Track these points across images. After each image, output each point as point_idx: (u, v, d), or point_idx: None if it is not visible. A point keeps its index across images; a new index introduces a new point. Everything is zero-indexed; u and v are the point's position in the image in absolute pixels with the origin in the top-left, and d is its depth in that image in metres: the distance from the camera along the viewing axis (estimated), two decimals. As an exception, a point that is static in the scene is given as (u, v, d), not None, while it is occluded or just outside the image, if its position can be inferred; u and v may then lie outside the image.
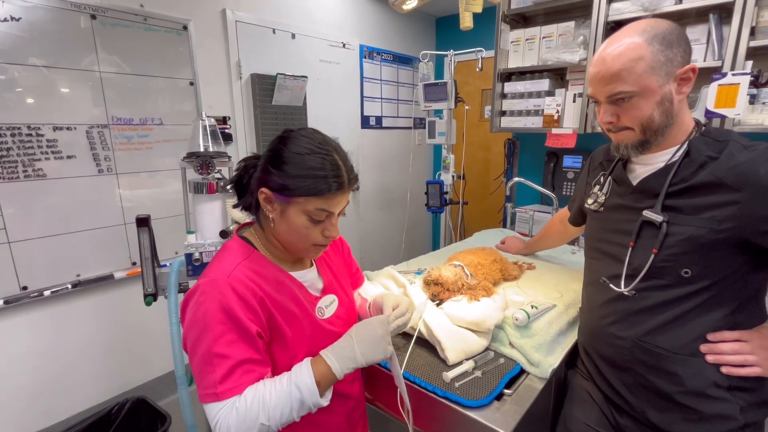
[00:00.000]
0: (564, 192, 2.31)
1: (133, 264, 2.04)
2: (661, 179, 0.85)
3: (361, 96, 3.20)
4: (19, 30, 1.62)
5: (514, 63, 2.25)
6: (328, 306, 0.88)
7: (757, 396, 0.84)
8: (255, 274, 0.76)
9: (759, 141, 0.81)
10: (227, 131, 2.36)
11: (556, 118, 2.10)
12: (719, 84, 1.53)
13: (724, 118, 1.57)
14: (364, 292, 1.07)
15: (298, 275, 0.84)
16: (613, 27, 1.87)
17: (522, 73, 2.27)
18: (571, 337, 1.11)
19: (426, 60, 2.45)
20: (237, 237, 0.83)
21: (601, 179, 1.04)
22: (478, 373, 0.94)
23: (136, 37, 1.93)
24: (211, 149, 1.26)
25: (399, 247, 3.48)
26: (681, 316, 0.84)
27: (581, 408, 1.01)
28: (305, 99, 2.67)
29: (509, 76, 2.31)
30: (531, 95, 2.19)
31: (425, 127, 2.53)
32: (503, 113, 2.33)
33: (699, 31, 1.69)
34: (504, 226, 2.39)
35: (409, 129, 3.64)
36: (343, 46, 2.97)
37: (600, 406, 0.99)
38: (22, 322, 1.76)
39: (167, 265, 1.28)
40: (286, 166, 0.74)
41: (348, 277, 1.02)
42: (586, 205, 1.07)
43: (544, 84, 2.14)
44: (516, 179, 1.95)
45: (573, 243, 1.72)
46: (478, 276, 1.22)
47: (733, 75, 1.51)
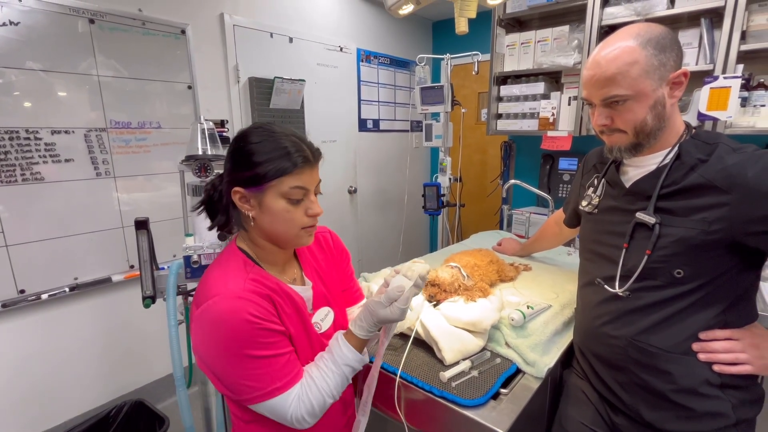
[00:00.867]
0: (559, 194, 2.33)
1: (131, 267, 2.04)
2: (653, 181, 0.87)
3: (359, 99, 3.22)
4: (18, 34, 1.63)
5: (509, 66, 2.28)
6: (323, 320, 0.88)
7: (749, 393, 0.86)
8: (264, 285, 0.77)
9: (747, 143, 0.83)
10: (225, 134, 2.36)
11: (551, 120, 2.12)
12: (711, 87, 1.56)
13: (716, 120, 1.59)
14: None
15: (298, 290, 0.84)
16: (607, 31, 1.90)
17: (518, 77, 2.29)
18: (567, 337, 1.12)
19: (423, 63, 2.47)
20: (237, 249, 0.82)
21: (595, 181, 1.06)
22: (474, 373, 0.95)
23: (134, 41, 1.94)
24: (210, 152, 1.28)
25: (396, 249, 3.49)
26: (674, 315, 0.85)
27: (576, 407, 1.03)
28: (303, 102, 2.68)
29: (505, 79, 2.33)
30: (527, 98, 2.22)
31: (422, 130, 2.54)
32: (499, 116, 2.36)
33: (691, 35, 1.72)
34: (500, 228, 2.40)
35: (406, 132, 3.66)
36: (341, 49, 2.99)
37: (595, 405, 1.00)
38: (19, 325, 1.75)
39: (165, 268, 1.28)
40: (248, 158, 0.75)
41: (341, 291, 0.99)
42: (580, 207, 1.08)
43: (539, 87, 2.16)
44: (512, 181, 1.97)
45: (568, 244, 1.74)
46: (474, 277, 1.23)
47: (725, 78, 1.54)
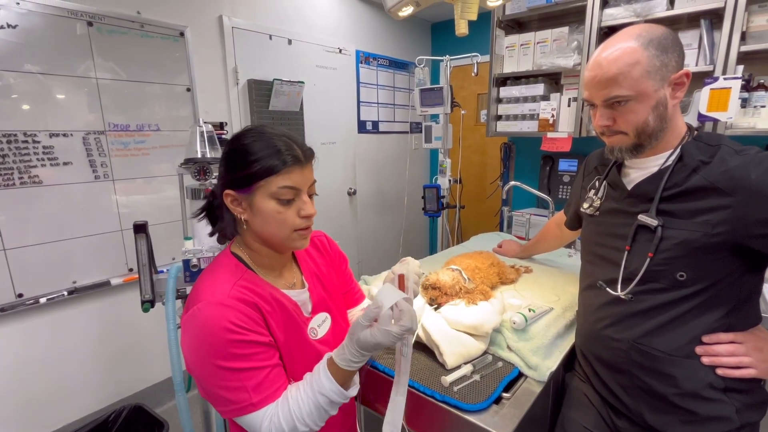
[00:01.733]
0: (560, 195, 2.33)
1: (130, 270, 2.03)
2: (655, 184, 0.87)
3: (358, 101, 3.22)
4: (16, 37, 1.62)
5: (509, 68, 2.28)
6: (320, 325, 0.86)
7: (753, 397, 0.85)
8: (252, 292, 0.75)
9: (750, 145, 0.82)
10: (224, 137, 2.36)
11: (551, 122, 2.12)
12: (711, 88, 1.56)
13: (716, 121, 1.59)
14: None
15: (291, 295, 0.83)
16: (607, 32, 1.90)
17: (517, 78, 2.29)
18: (569, 340, 1.12)
19: (422, 65, 2.47)
20: (230, 254, 0.81)
21: (596, 183, 1.05)
22: (476, 377, 0.94)
23: (132, 44, 1.94)
24: (209, 155, 1.27)
25: (396, 251, 3.48)
26: (676, 318, 0.85)
27: (579, 410, 1.02)
28: (302, 104, 2.68)
29: (504, 80, 2.33)
30: (526, 100, 2.22)
31: (422, 132, 2.54)
32: (499, 117, 2.35)
33: (690, 36, 1.72)
34: (501, 229, 2.40)
35: (406, 133, 3.66)
36: (340, 51, 2.98)
37: (597, 408, 1.00)
38: (17, 329, 1.74)
39: (165, 272, 1.27)
40: (238, 159, 0.74)
41: (341, 294, 0.98)
42: (581, 209, 1.08)
43: (539, 88, 2.16)
44: (512, 183, 1.96)
45: (569, 246, 1.73)
46: (475, 280, 1.22)
47: (725, 79, 1.53)
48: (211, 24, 2.24)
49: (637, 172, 0.93)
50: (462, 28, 1.07)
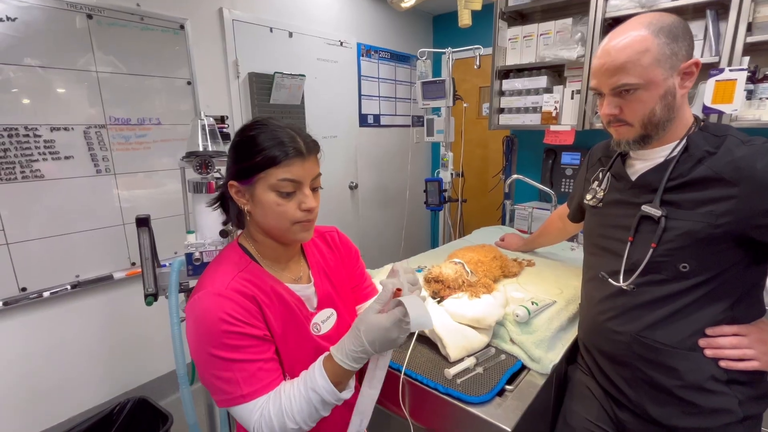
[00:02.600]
0: (562, 189, 2.32)
1: (133, 264, 2.04)
2: (660, 174, 0.86)
3: (359, 94, 3.20)
4: (15, 30, 1.61)
5: (511, 60, 2.26)
6: (324, 321, 0.86)
7: (756, 389, 0.85)
8: (252, 285, 0.75)
9: (757, 136, 0.82)
10: (225, 131, 2.34)
11: (554, 114, 2.10)
12: (716, 80, 1.54)
13: (721, 114, 1.58)
14: None
15: (295, 289, 0.82)
16: (611, 24, 1.88)
17: (520, 71, 2.27)
18: (572, 333, 1.12)
19: (424, 58, 2.45)
20: (237, 246, 0.82)
21: (600, 175, 1.04)
22: (479, 370, 0.94)
23: (132, 37, 1.92)
24: (210, 148, 1.26)
25: (398, 245, 3.48)
26: (679, 310, 0.85)
27: (581, 403, 1.02)
28: (303, 98, 2.66)
29: (507, 73, 2.31)
30: (529, 92, 2.20)
31: (423, 125, 2.53)
32: (501, 110, 2.34)
33: (696, 27, 1.69)
34: (503, 223, 2.39)
35: (407, 127, 3.64)
36: (341, 44, 2.96)
37: (600, 401, 1.00)
38: (21, 323, 1.75)
39: (167, 265, 1.28)
40: (241, 150, 0.75)
41: (350, 291, 0.96)
42: (584, 201, 1.07)
43: (542, 81, 2.14)
44: (515, 176, 1.95)
45: (572, 240, 1.73)
46: (478, 273, 1.22)
47: (731, 71, 1.52)
48: (212, 16, 2.23)
49: (642, 163, 0.92)
50: (465, 18, 1.05)
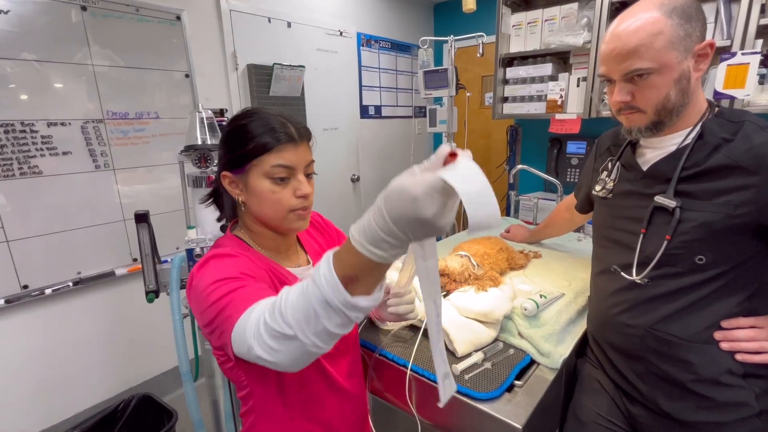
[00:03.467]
0: (568, 179, 2.28)
1: (134, 260, 2.02)
2: (673, 163, 0.83)
3: (360, 85, 3.15)
4: (8, 24, 1.58)
5: (515, 48, 2.21)
6: None
7: (773, 383, 0.83)
8: (254, 265, 0.74)
9: (776, 122, 0.78)
10: (224, 124, 2.32)
11: (559, 103, 2.06)
12: (728, 64, 1.50)
13: (733, 99, 1.53)
14: None
15: (296, 272, 0.82)
16: (618, 7, 1.82)
17: (524, 58, 2.22)
18: (581, 326, 1.10)
19: (426, 46, 2.40)
20: (232, 236, 0.81)
21: (609, 165, 1.01)
22: (487, 365, 0.92)
23: (128, 29, 1.89)
24: (209, 142, 1.24)
25: (401, 238, 3.46)
26: (695, 303, 0.82)
27: (592, 397, 1.00)
28: (303, 89, 2.62)
29: (511, 61, 2.26)
30: (534, 80, 2.15)
31: (426, 116, 2.49)
32: (505, 99, 2.29)
33: (707, 10, 1.63)
34: (507, 214, 2.36)
35: (409, 118, 3.59)
36: (340, 34, 2.91)
37: (611, 394, 0.98)
38: (24, 321, 1.75)
39: (168, 261, 1.26)
40: (233, 139, 0.74)
41: None
42: (593, 192, 1.04)
43: (547, 68, 2.09)
44: (519, 167, 1.92)
45: (579, 230, 1.70)
46: (484, 266, 1.20)
47: (743, 54, 1.47)
48: (209, 7, 2.18)
49: (654, 151, 0.89)
50: (469, 3, 1.01)
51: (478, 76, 3.50)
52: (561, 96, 2.04)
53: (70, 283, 1.83)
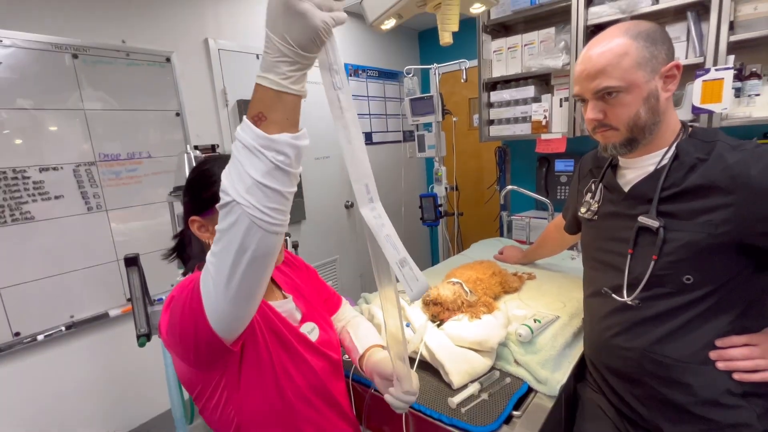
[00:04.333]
0: (558, 196, 2.30)
1: (128, 300, 2.00)
2: (653, 184, 0.84)
3: (350, 113, 3.20)
4: (1, 73, 1.61)
5: (498, 72, 2.26)
6: (310, 332, 0.86)
7: (774, 401, 0.82)
8: None
9: (746, 140, 0.80)
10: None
11: (544, 123, 2.10)
12: (703, 80, 1.54)
13: (711, 113, 1.57)
14: (344, 318, 1.05)
15: (275, 305, 0.82)
16: (593, 30, 1.89)
17: (507, 82, 2.27)
18: (578, 349, 1.08)
19: (411, 74, 2.46)
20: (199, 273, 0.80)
21: (592, 186, 1.03)
22: (484, 396, 0.91)
23: (119, 73, 1.93)
24: (198, 182, 1.24)
25: (398, 262, 3.45)
26: (687, 323, 0.82)
27: (593, 423, 0.98)
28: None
29: (494, 85, 2.32)
30: (518, 102, 2.20)
31: (415, 140, 2.53)
32: (491, 122, 2.34)
33: (678, 30, 1.70)
34: (501, 234, 2.37)
35: (399, 143, 3.64)
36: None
37: (613, 420, 0.96)
38: (16, 369, 1.71)
39: (162, 299, 1.24)
40: (198, 184, 0.76)
41: (323, 304, 1.00)
42: (579, 214, 1.05)
43: (529, 91, 2.14)
44: (509, 187, 1.94)
45: (572, 248, 1.70)
46: (477, 291, 1.19)
47: (717, 70, 1.51)
48: (197, 47, 2.24)
49: (633, 172, 0.91)
50: (446, 38, 1.05)
51: (465, 98, 3.57)
52: (545, 116, 2.08)
53: (62, 328, 1.80)
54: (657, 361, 0.83)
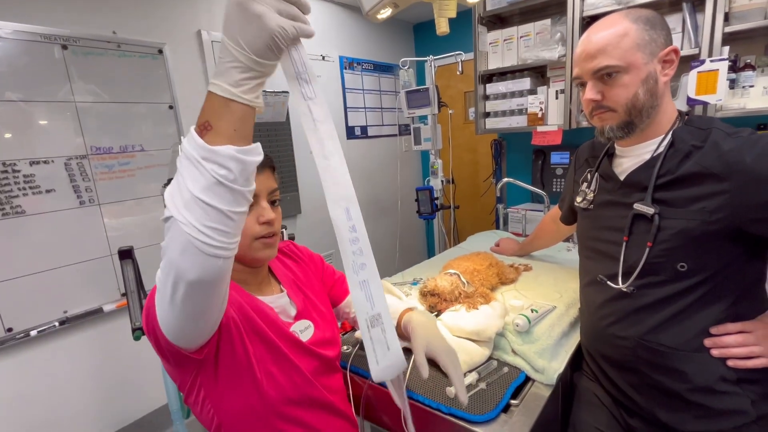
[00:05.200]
0: (554, 189, 2.31)
1: (123, 295, 1.99)
2: (648, 172, 0.84)
3: (344, 107, 3.19)
4: (-12, 65, 1.58)
5: (493, 64, 2.26)
6: (302, 331, 0.83)
7: None
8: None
9: (741, 127, 0.81)
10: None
11: (540, 116, 2.10)
12: (698, 71, 1.54)
13: (706, 104, 1.57)
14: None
15: (267, 300, 0.80)
16: (589, 22, 1.88)
17: (503, 74, 2.27)
18: (574, 339, 1.09)
19: (406, 67, 2.45)
20: None
21: (588, 176, 1.03)
22: (482, 385, 0.91)
23: (110, 65, 1.90)
24: (192, 174, 1.23)
25: (394, 256, 3.44)
26: (682, 311, 0.82)
27: (590, 411, 0.99)
28: (288, 114, 2.64)
29: (490, 77, 2.31)
30: (513, 95, 2.20)
31: (411, 134, 2.52)
32: (487, 114, 2.33)
33: (674, 21, 1.70)
34: (497, 227, 2.37)
35: (395, 136, 3.63)
36: (323, 58, 2.96)
37: (609, 408, 0.97)
38: (9, 365, 1.69)
39: (155, 297, 1.24)
40: None
41: (327, 300, 0.95)
42: (575, 204, 1.05)
43: (525, 83, 2.14)
44: (505, 180, 1.94)
45: (568, 239, 1.71)
46: (474, 283, 1.19)
47: (711, 61, 1.52)
48: (190, 39, 2.21)
49: (630, 161, 0.91)
50: (443, 26, 1.04)
51: (460, 91, 3.56)
52: (541, 109, 2.08)
53: (56, 323, 1.78)
54: (652, 349, 0.84)
